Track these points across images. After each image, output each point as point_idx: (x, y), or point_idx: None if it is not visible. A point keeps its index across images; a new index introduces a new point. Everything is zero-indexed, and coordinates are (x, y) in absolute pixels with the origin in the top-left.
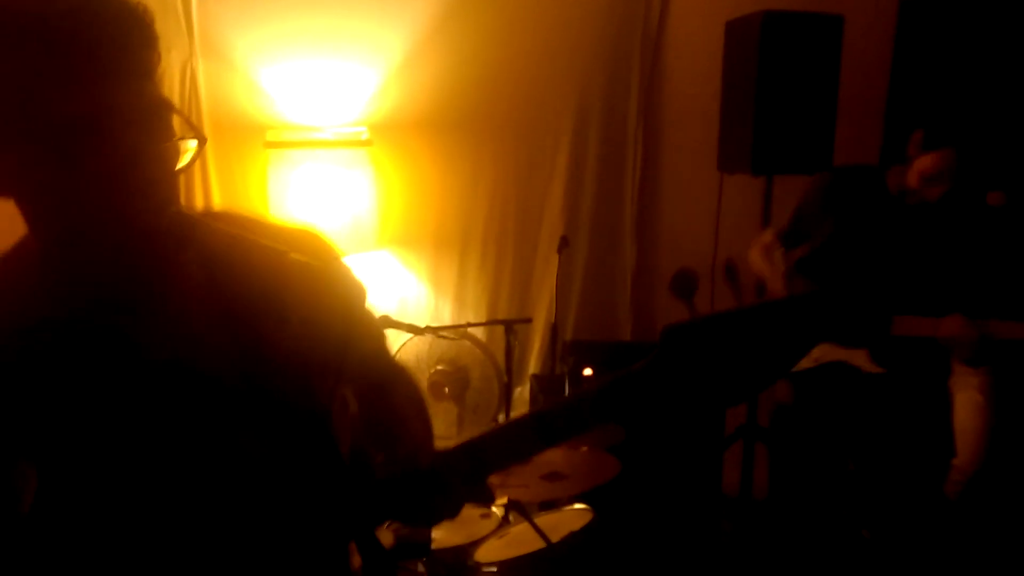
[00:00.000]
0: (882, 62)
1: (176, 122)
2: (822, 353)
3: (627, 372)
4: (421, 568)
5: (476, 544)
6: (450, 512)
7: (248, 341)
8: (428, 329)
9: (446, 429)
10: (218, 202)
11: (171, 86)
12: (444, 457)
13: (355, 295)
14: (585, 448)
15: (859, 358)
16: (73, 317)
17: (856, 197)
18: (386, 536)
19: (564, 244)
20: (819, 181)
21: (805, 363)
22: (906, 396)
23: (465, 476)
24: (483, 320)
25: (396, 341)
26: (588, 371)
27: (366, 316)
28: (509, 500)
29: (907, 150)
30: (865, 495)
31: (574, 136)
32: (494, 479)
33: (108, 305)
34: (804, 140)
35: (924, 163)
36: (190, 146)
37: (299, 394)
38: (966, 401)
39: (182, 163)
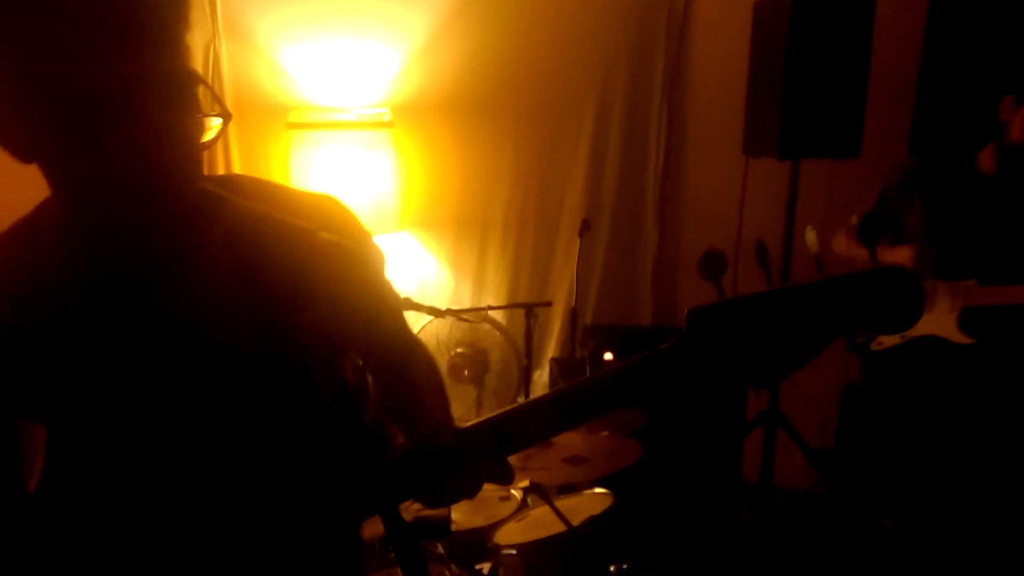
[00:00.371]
0: (913, 44)
1: (202, 97)
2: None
3: (652, 353)
4: (440, 549)
5: (496, 526)
6: (469, 492)
7: (273, 319)
8: (449, 312)
9: (465, 412)
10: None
11: (194, 67)
12: (465, 435)
13: (379, 270)
14: (606, 433)
15: (948, 330)
16: (95, 286)
17: (944, 175)
18: (406, 517)
19: (585, 227)
20: (904, 166)
21: (889, 341)
22: (998, 367)
23: (486, 455)
24: (503, 303)
25: (416, 323)
26: (608, 355)
27: (389, 290)
28: (530, 483)
29: (999, 117)
30: (929, 485)
31: (597, 119)
32: (515, 460)
33: (131, 276)
34: (832, 124)
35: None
36: (214, 123)
37: (325, 372)
38: None
39: (207, 138)
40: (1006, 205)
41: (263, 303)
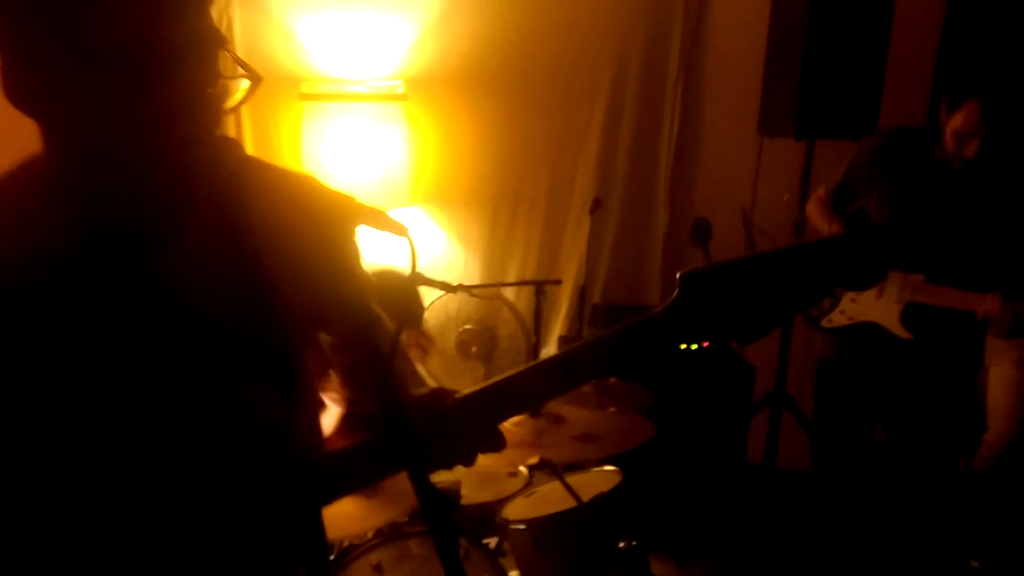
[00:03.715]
0: (933, 25)
1: (227, 60)
2: (856, 312)
3: (646, 316)
4: None
5: (504, 501)
6: (466, 458)
7: (258, 292)
8: (461, 287)
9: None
10: (251, 153)
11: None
12: (460, 402)
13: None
14: (614, 409)
15: (890, 321)
16: (79, 250)
17: (905, 160)
18: None
19: (597, 205)
20: (870, 142)
21: (839, 320)
22: (933, 365)
23: (480, 421)
24: (512, 279)
25: (427, 298)
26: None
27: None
28: (540, 459)
29: (939, 121)
30: (892, 466)
31: (611, 95)
32: (526, 436)
33: (118, 241)
34: (850, 104)
35: (954, 122)
36: (242, 86)
37: (302, 347)
38: (1000, 376)
39: (233, 102)
40: (961, 201)
41: (250, 275)
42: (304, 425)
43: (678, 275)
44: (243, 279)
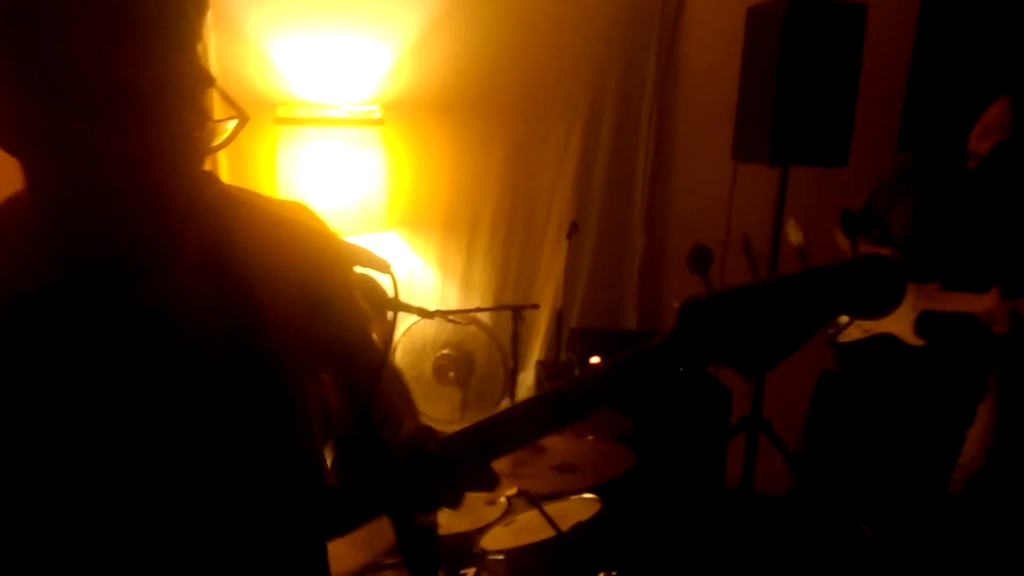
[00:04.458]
0: (903, 52)
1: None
2: (872, 325)
3: (646, 347)
4: None
5: (482, 531)
6: (452, 500)
7: (249, 328)
8: (438, 313)
9: (450, 413)
10: (227, 179)
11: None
12: (447, 442)
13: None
14: (591, 437)
15: (904, 330)
16: (64, 288)
17: (932, 173)
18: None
19: (574, 230)
20: (900, 159)
21: (855, 334)
22: (944, 376)
23: (470, 461)
24: (489, 304)
25: (403, 323)
26: (596, 359)
27: (359, 303)
28: (519, 490)
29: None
30: (886, 483)
31: (587, 121)
32: (504, 466)
33: (105, 279)
34: (822, 130)
35: (987, 117)
36: (229, 124)
37: (298, 385)
38: None
39: (219, 141)
40: (976, 208)
41: (240, 311)
42: (302, 462)
43: (677, 305)
44: (232, 313)
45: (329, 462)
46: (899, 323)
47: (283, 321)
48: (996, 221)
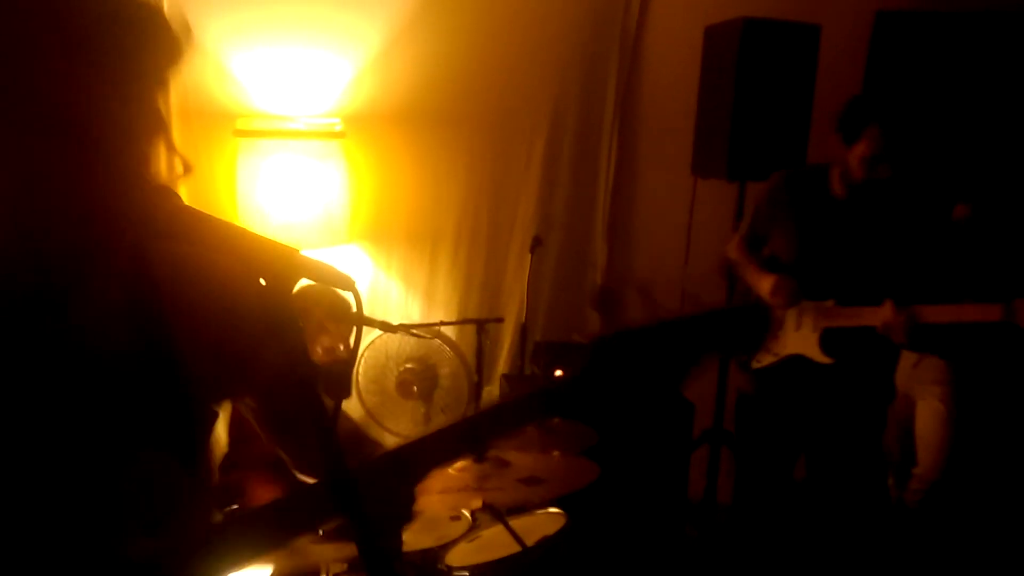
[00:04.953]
0: (856, 71)
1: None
2: (779, 348)
3: (558, 383)
4: None
5: (446, 547)
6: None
7: (163, 350)
8: (401, 327)
9: (413, 428)
10: (184, 191)
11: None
12: (362, 469)
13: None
14: (557, 453)
15: (811, 349)
16: None
17: (804, 198)
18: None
19: (537, 243)
20: (770, 184)
21: (767, 359)
22: (849, 388)
23: (386, 488)
24: (453, 318)
25: (366, 338)
26: (559, 372)
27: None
28: (483, 503)
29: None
30: (817, 495)
31: (549, 135)
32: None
33: (31, 295)
34: (778, 147)
35: (860, 150)
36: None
37: (207, 394)
38: (927, 410)
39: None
40: (855, 229)
41: (156, 335)
42: (199, 488)
43: (590, 341)
44: (150, 339)
45: None
46: (805, 343)
47: (218, 334)
48: (875, 241)
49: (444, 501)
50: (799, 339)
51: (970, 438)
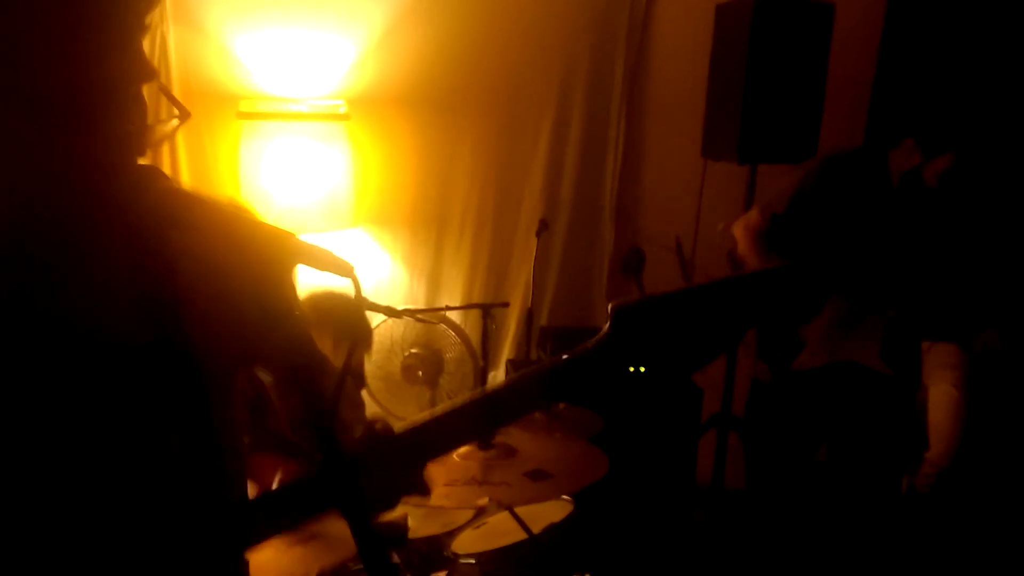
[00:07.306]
0: (869, 52)
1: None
2: (831, 350)
3: (579, 351)
4: (396, 558)
5: (453, 534)
6: (385, 504)
7: (168, 326)
8: (406, 312)
9: (419, 413)
10: (187, 174)
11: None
12: (381, 443)
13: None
14: (559, 435)
15: (870, 358)
16: None
17: (856, 185)
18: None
19: (543, 227)
20: (818, 168)
21: (810, 362)
22: (872, 379)
23: (403, 463)
24: (458, 302)
25: (371, 322)
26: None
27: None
28: (489, 500)
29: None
30: (835, 483)
31: (556, 117)
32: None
33: (28, 270)
34: (790, 129)
35: (939, 164)
36: (172, 121)
37: (225, 385)
38: (940, 395)
39: (160, 136)
40: (931, 223)
41: (161, 310)
42: (217, 461)
43: (610, 307)
44: (154, 314)
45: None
46: (862, 350)
47: (217, 320)
48: (961, 244)
49: (449, 496)
50: (855, 345)
51: (984, 424)
